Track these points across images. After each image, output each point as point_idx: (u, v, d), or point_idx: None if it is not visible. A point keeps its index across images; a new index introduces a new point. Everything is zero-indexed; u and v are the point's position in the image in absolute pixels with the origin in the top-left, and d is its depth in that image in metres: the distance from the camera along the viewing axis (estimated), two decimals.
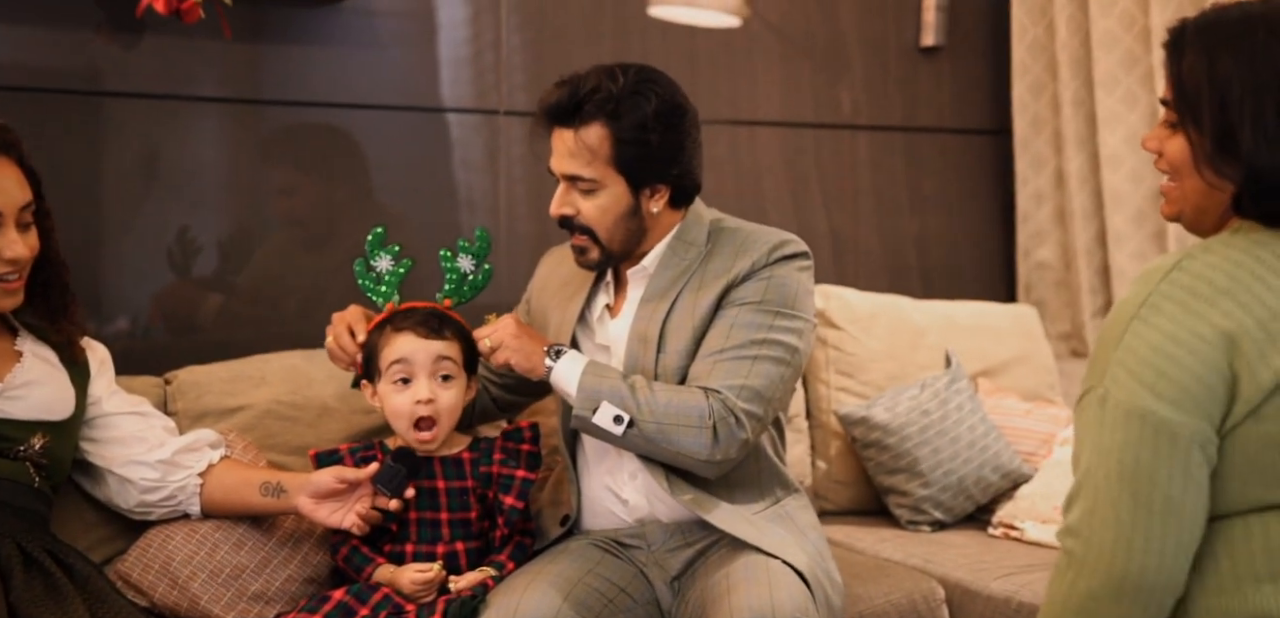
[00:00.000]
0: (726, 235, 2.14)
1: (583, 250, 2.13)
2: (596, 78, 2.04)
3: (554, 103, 2.05)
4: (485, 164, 2.92)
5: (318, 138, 2.78)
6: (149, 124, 2.60)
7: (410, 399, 2.10)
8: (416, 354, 2.09)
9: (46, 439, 2.02)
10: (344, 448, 2.19)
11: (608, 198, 2.06)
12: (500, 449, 2.18)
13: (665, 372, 2.08)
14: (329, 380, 2.46)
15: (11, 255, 1.96)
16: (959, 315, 3.08)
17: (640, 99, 2.03)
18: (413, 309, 2.14)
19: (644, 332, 2.10)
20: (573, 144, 2.04)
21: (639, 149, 2.03)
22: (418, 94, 2.85)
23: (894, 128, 3.40)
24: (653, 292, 2.13)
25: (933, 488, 2.77)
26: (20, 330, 2.10)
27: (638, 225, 2.10)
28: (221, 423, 2.35)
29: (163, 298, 2.68)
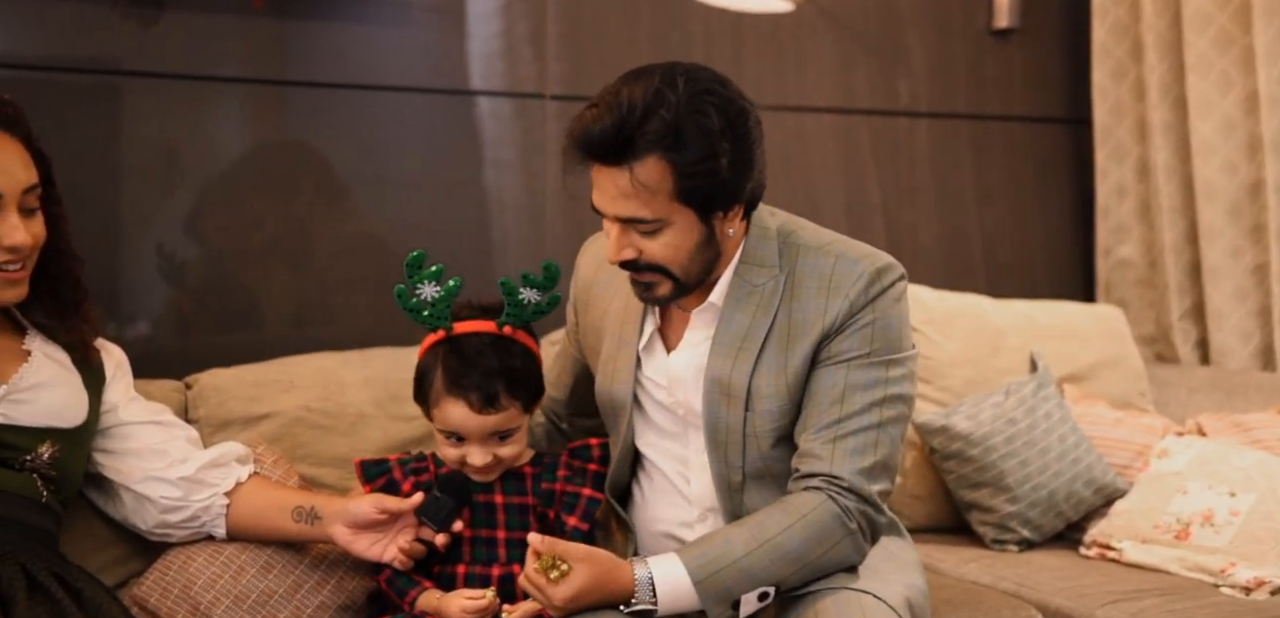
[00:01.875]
0: (804, 258, 1.84)
1: (650, 287, 1.81)
2: (643, 98, 1.68)
3: (597, 137, 1.69)
4: (527, 151, 2.73)
5: (349, 121, 2.58)
6: (169, 108, 2.42)
7: (460, 456, 1.92)
8: (468, 428, 1.89)
9: (56, 449, 1.82)
10: (393, 459, 1.98)
11: (676, 234, 1.75)
12: (565, 465, 1.99)
13: (756, 432, 1.83)
14: (364, 385, 2.28)
15: (12, 242, 1.77)
16: (1040, 316, 2.86)
17: (701, 118, 1.70)
18: (466, 356, 1.88)
19: (725, 383, 1.84)
20: (626, 184, 1.70)
21: (708, 178, 1.72)
22: (454, 76, 2.66)
23: (959, 115, 3.19)
24: (729, 335, 1.84)
25: (1020, 504, 2.54)
26: (29, 329, 1.90)
27: (713, 252, 1.80)
28: (247, 432, 2.16)
29: (181, 295, 2.49)
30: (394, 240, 2.63)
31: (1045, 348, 2.78)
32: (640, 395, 1.92)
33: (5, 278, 1.80)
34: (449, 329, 1.91)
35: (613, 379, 1.93)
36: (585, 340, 2.04)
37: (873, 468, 1.79)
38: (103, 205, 2.38)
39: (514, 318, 1.94)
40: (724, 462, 1.85)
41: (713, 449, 1.85)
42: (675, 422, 1.91)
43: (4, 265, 1.79)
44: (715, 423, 1.85)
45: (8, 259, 1.79)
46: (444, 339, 1.91)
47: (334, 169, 2.58)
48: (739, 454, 1.84)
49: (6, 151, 1.78)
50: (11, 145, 1.79)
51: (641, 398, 1.93)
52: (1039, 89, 3.26)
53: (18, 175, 1.78)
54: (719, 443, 1.85)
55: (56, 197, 1.88)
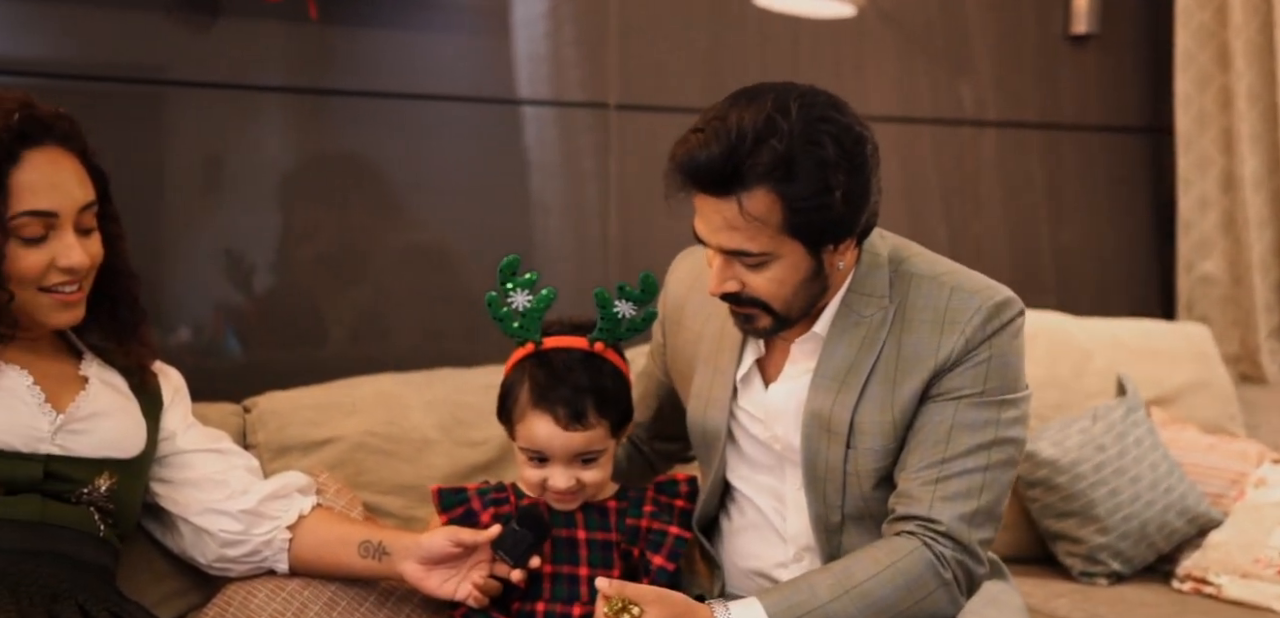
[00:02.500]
0: (917, 287, 1.72)
1: (749, 320, 1.71)
2: (754, 125, 1.57)
3: (703, 166, 1.59)
4: (590, 162, 2.63)
5: (407, 131, 2.49)
6: (214, 116, 2.33)
7: (542, 479, 1.81)
8: (553, 446, 1.79)
9: (114, 480, 1.73)
10: (472, 488, 1.88)
11: (783, 268, 1.64)
12: (651, 501, 1.88)
13: (857, 471, 1.72)
14: (428, 408, 2.19)
15: (68, 263, 1.68)
16: (1126, 336, 2.73)
17: (815, 149, 1.58)
18: (555, 370, 1.79)
19: (825, 418, 1.72)
20: (733, 216, 1.60)
21: (820, 212, 1.60)
22: (513, 85, 2.56)
23: (1028, 124, 3.07)
24: (832, 368, 1.72)
25: (1110, 535, 2.42)
26: (85, 353, 1.82)
27: (820, 286, 1.69)
28: (307, 458, 2.07)
29: (234, 312, 2.40)
30: (452, 254, 2.54)
31: (1132, 370, 2.65)
32: (734, 427, 1.82)
33: (61, 300, 1.71)
34: (538, 343, 1.82)
35: (706, 409, 1.82)
36: (674, 364, 1.93)
37: (975, 514, 1.67)
38: (146, 218, 2.28)
39: (607, 333, 1.83)
40: (822, 501, 1.74)
41: (811, 488, 1.74)
42: (771, 457, 1.80)
43: (60, 286, 1.70)
44: (814, 460, 1.73)
45: (64, 280, 1.70)
46: (532, 354, 1.82)
47: (390, 181, 2.49)
48: (838, 493, 1.73)
49: (62, 168, 1.69)
50: (68, 162, 1.70)
51: (735, 430, 1.82)
52: (1117, 97, 3.13)
53: (74, 193, 1.70)
54: (818, 481, 1.74)
55: (114, 214, 1.80)
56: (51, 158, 1.68)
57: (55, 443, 1.69)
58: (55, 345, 1.79)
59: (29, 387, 1.69)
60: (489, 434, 2.15)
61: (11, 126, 1.64)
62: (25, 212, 1.65)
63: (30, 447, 1.67)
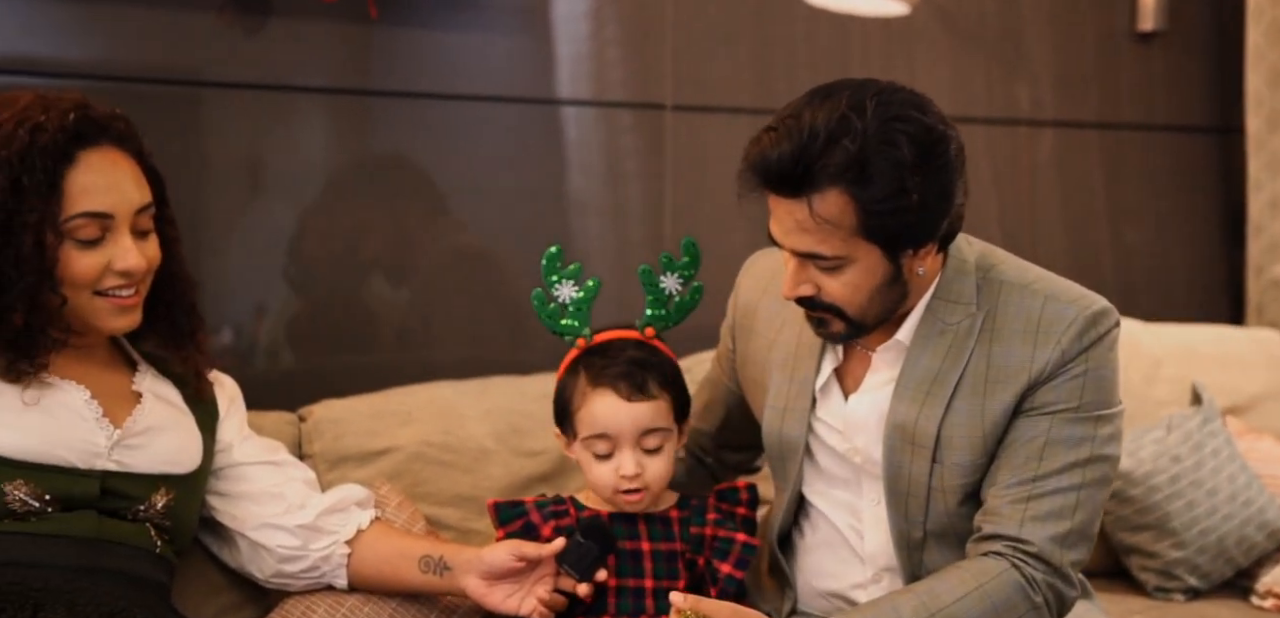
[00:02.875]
0: (1007, 296, 1.64)
1: (823, 324, 1.65)
2: (826, 124, 1.51)
3: (774, 166, 1.53)
4: (646, 164, 2.56)
5: (455, 133, 2.43)
6: (259, 117, 2.27)
7: (613, 472, 1.75)
8: (618, 423, 1.73)
9: (170, 496, 1.69)
10: (530, 501, 1.82)
11: (859, 273, 1.58)
12: (714, 509, 1.83)
13: (943, 486, 1.65)
14: (484, 417, 2.15)
15: (125, 266, 1.63)
16: (1197, 342, 2.65)
17: (890, 149, 1.51)
18: (609, 353, 1.75)
19: (909, 431, 1.65)
20: (805, 218, 1.54)
21: (896, 215, 1.53)
22: (567, 85, 2.50)
23: (1088, 124, 2.98)
24: (916, 377, 1.65)
25: (1187, 550, 2.34)
26: (139, 364, 1.77)
27: (899, 292, 1.62)
28: (364, 469, 2.02)
29: (283, 317, 2.33)
30: (502, 257, 2.48)
31: (1202, 377, 2.57)
32: (810, 439, 1.75)
33: (117, 304, 1.66)
34: (588, 339, 1.77)
35: (784, 420, 1.76)
36: (745, 371, 1.86)
37: (1068, 535, 1.60)
38: (188, 221, 2.19)
39: (657, 315, 1.80)
40: (904, 517, 1.67)
41: (892, 503, 1.67)
42: (848, 470, 1.73)
43: (115, 290, 1.65)
44: (897, 474, 1.66)
45: (119, 284, 1.65)
46: (584, 350, 1.78)
47: (440, 184, 2.43)
48: (922, 509, 1.66)
49: (118, 169, 1.64)
50: (124, 162, 1.66)
51: (811, 442, 1.75)
52: (1183, 96, 3.04)
53: (130, 195, 1.65)
54: (899, 495, 1.67)
55: (170, 217, 1.75)
56: (108, 158, 1.63)
57: (112, 459, 1.64)
58: (109, 355, 1.75)
59: (87, 401, 1.64)
60: (546, 445, 2.10)
61: (67, 127, 1.59)
62: (81, 213, 1.60)
63: (87, 463, 1.62)
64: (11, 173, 1.55)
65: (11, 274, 1.56)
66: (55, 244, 1.58)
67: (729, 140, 2.58)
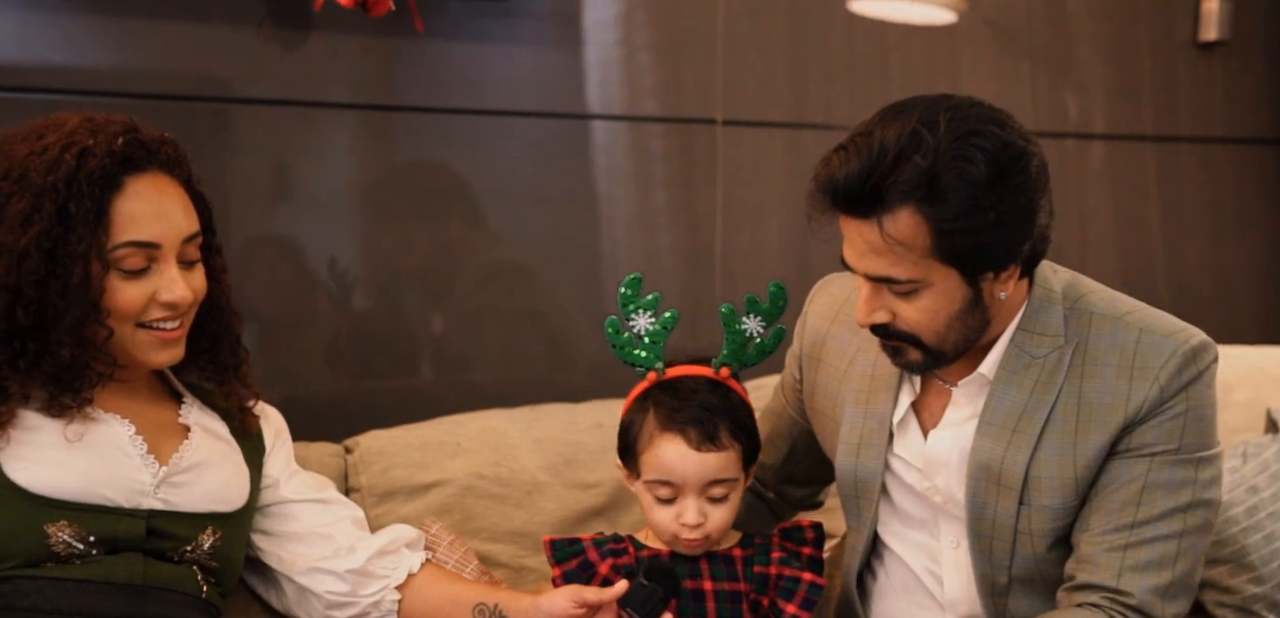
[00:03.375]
0: (1098, 328, 1.56)
1: (898, 352, 1.57)
2: (895, 141, 1.44)
3: (843, 185, 1.46)
4: (699, 181, 2.48)
5: (503, 148, 2.35)
6: (283, 134, 2.20)
7: (674, 517, 1.67)
8: (684, 472, 1.65)
9: (217, 536, 1.61)
10: (587, 539, 1.74)
11: (936, 297, 1.50)
12: (779, 547, 1.74)
13: (1031, 529, 1.56)
14: (536, 447, 2.06)
15: (171, 298, 1.55)
16: (1270, 365, 2.55)
17: (964, 166, 1.43)
18: (681, 393, 1.66)
19: (995, 470, 1.56)
20: (876, 239, 1.47)
21: (972, 235, 1.45)
22: (616, 100, 2.42)
23: (1143, 137, 2.89)
24: (1001, 414, 1.57)
25: (1266, 585, 2.24)
26: (185, 396, 1.69)
27: (980, 319, 1.53)
28: (413, 503, 1.95)
29: (320, 339, 2.25)
30: (545, 277, 2.41)
31: (1277, 402, 2.47)
32: (886, 477, 1.66)
33: (161, 338, 1.58)
34: (661, 372, 1.69)
35: (858, 455, 1.67)
36: (813, 403, 1.77)
37: (1169, 586, 1.51)
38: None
39: (734, 356, 1.71)
40: (988, 560, 1.58)
41: (976, 546, 1.58)
42: (926, 510, 1.65)
43: (160, 323, 1.57)
44: (980, 516, 1.57)
45: (165, 316, 1.57)
46: (655, 384, 1.69)
47: (481, 200, 2.35)
48: (1007, 553, 1.57)
49: (166, 196, 1.57)
50: (172, 189, 1.58)
51: (887, 480, 1.67)
52: (1246, 107, 2.95)
53: (178, 223, 1.57)
54: (983, 539, 1.58)
55: (217, 245, 1.68)
56: (156, 185, 1.56)
57: (158, 497, 1.56)
58: (153, 388, 1.67)
59: (131, 437, 1.56)
60: (602, 476, 2.03)
61: (115, 151, 1.52)
62: (127, 242, 1.52)
63: (132, 502, 1.54)
64: (58, 200, 1.48)
65: (59, 306, 1.49)
66: (101, 274, 1.51)
67: (783, 155, 2.54)
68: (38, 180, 1.48)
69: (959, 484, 1.59)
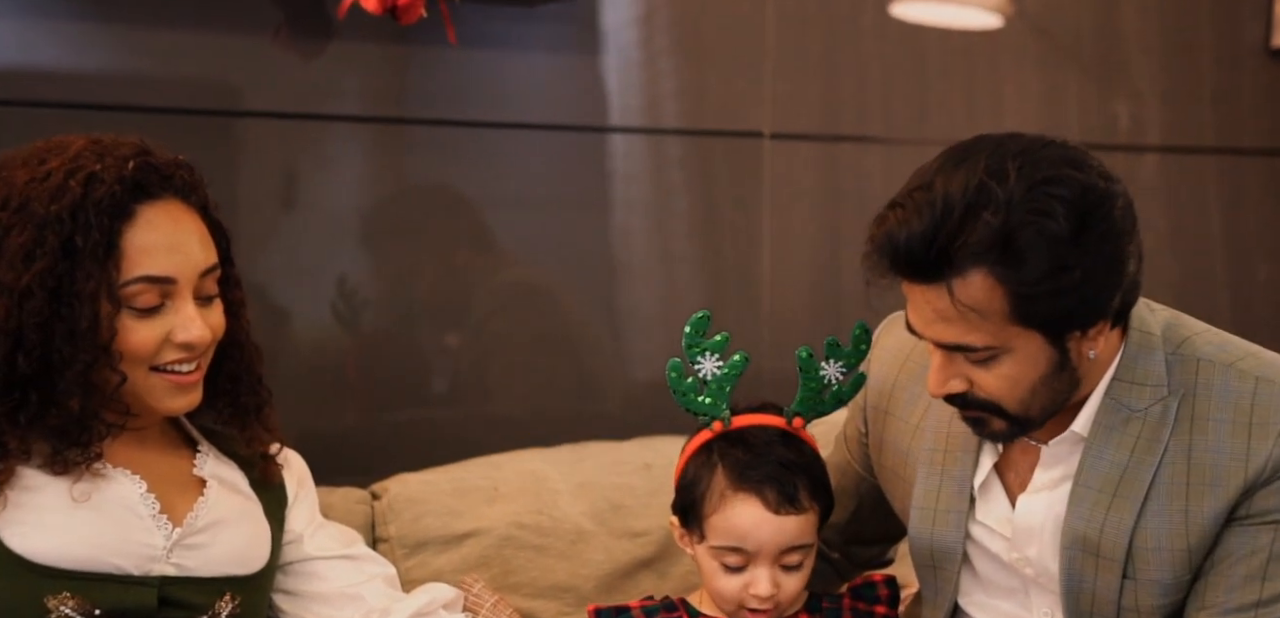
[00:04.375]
0: (1207, 376, 1.39)
1: (979, 422, 1.41)
2: (963, 195, 1.28)
3: (904, 249, 1.31)
4: (740, 197, 2.33)
5: (531, 163, 2.20)
6: (293, 148, 2.05)
7: (742, 588, 1.51)
8: (760, 538, 1.49)
9: (236, 602, 1.45)
10: (636, 606, 1.58)
11: (1017, 364, 1.34)
12: (851, 612, 1.59)
13: (1138, 606, 1.39)
14: (579, 492, 1.91)
15: (187, 338, 1.39)
16: None
17: (1042, 220, 1.27)
18: (753, 447, 1.51)
19: (1093, 541, 1.40)
20: (946, 306, 1.32)
21: (1054, 297, 1.29)
22: (651, 114, 2.27)
23: (1204, 149, 2.74)
24: (1099, 476, 1.40)
25: None
26: (200, 444, 1.53)
27: (1068, 381, 1.37)
28: (447, 554, 1.81)
29: (333, 369, 2.10)
30: (570, 304, 2.27)
31: None
32: (968, 545, 1.51)
33: (176, 382, 1.42)
34: (727, 421, 1.53)
35: (935, 523, 1.51)
36: (882, 460, 1.61)
37: None
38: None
39: (809, 405, 1.55)
40: None
41: None
42: (1014, 580, 1.49)
43: (176, 366, 1.41)
44: (1078, 591, 1.41)
45: (180, 358, 1.41)
46: (721, 435, 1.53)
47: (505, 216, 2.20)
48: None
49: (181, 226, 1.41)
50: (187, 218, 1.42)
51: (969, 548, 1.51)
52: None
53: (195, 256, 1.41)
54: (1082, 615, 1.42)
55: (236, 278, 1.52)
56: (170, 214, 1.40)
57: (170, 562, 1.40)
58: (166, 437, 1.51)
59: (142, 496, 1.40)
60: (650, 524, 1.88)
61: (125, 177, 1.36)
62: (139, 277, 1.36)
63: (142, 569, 1.38)
64: (63, 232, 1.32)
65: (65, 351, 1.33)
66: (112, 314, 1.35)
67: (816, 170, 2.40)
68: (40, 210, 1.32)
69: (1052, 556, 1.43)
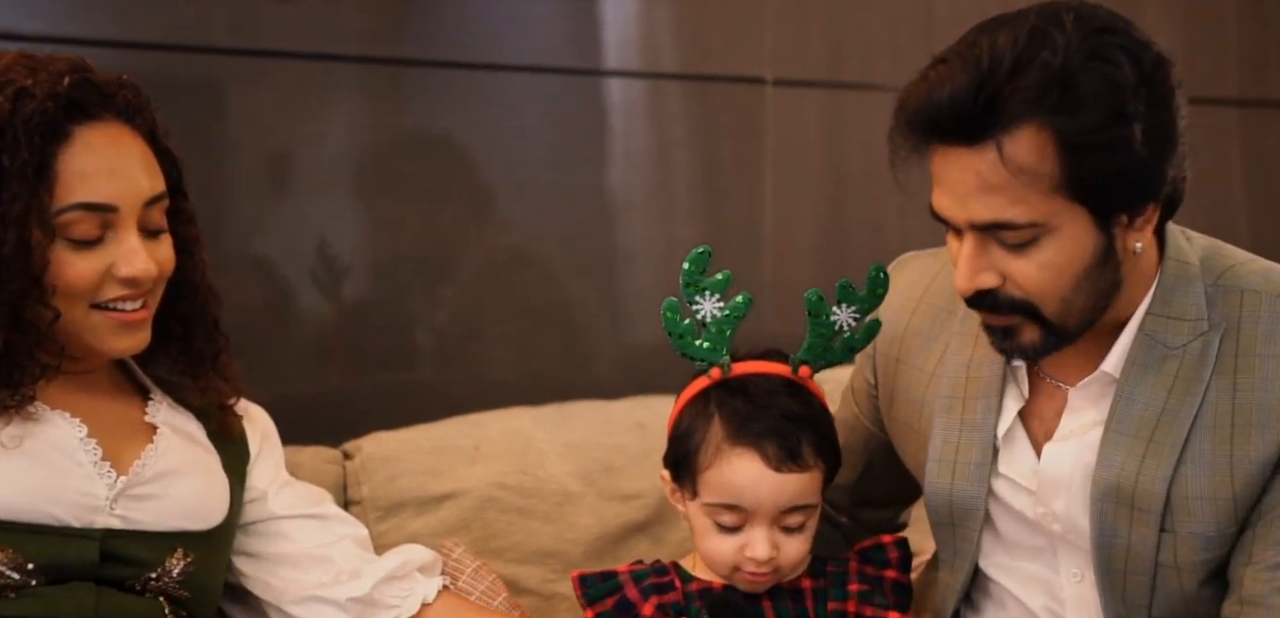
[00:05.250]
0: (1251, 308, 1.28)
1: (1010, 333, 1.28)
2: (1012, 44, 1.18)
3: (947, 105, 1.19)
4: (741, 145, 2.22)
5: (508, 109, 2.10)
6: (284, 93, 1.94)
7: (736, 550, 1.39)
8: (758, 496, 1.37)
9: (189, 559, 1.35)
10: (624, 571, 1.46)
11: (1060, 247, 1.22)
12: (857, 576, 1.46)
13: (1177, 562, 1.28)
14: (566, 452, 1.82)
15: (130, 272, 1.30)
16: None
17: (1104, 66, 1.17)
18: (753, 397, 1.39)
19: (1127, 491, 1.28)
20: (989, 170, 1.20)
21: (1112, 155, 1.18)
22: (644, 56, 2.16)
23: (1225, 101, 2.63)
24: (1132, 420, 1.29)
25: None
26: (152, 391, 1.43)
27: (1110, 279, 1.25)
28: (424, 518, 1.71)
29: (316, 330, 2.00)
30: (564, 263, 2.17)
31: None
32: (990, 501, 1.39)
33: (119, 320, 1.32)
34: (726, 368, 1.41)
35: (954, 476, 1.39)
36: (893, 413, 1.49)
37: None
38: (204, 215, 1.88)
39: (817, 352, 1.42)
40: (1122, 600, 1.30)
41: (1106, 582, 1.31)
42: (1041, 538, 1.37)
43: (119, 303, 1.31)
44: (1111, 547, 1.30)
45: (124, 294, 1.31)
46: (718, 383, 1.41)
47: (499, 169, 2.10)
48: (1145, 591, 1.29)
49: (123, 150, 1.31)
50: (130, 142, 1.32)
51: (991, 505, 1.39)
52: None
53: (138, 182, 1.31)
54: (1115, 573, 1.30)
55: (189, 213, 1.42)
56: (111, 136, 1.30)
57: (114, 514, 1.30)
58: (113, 382, 1.41)
59: (81, 440, 1.30)
60: (643, 486, 1.78)
61: (60, 94, 1.26)
62: (76, 204, 1.27)
63: (82, 521, 1.28)
64: None
65: None
66: (44, 243, 1.26)
67: (819, 118, 2.29)
68: None
69: (1082, 510, 1.31)
